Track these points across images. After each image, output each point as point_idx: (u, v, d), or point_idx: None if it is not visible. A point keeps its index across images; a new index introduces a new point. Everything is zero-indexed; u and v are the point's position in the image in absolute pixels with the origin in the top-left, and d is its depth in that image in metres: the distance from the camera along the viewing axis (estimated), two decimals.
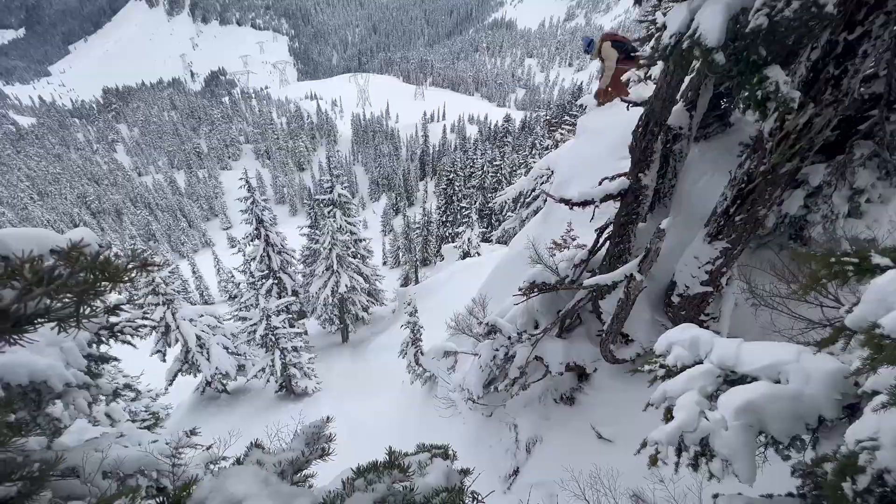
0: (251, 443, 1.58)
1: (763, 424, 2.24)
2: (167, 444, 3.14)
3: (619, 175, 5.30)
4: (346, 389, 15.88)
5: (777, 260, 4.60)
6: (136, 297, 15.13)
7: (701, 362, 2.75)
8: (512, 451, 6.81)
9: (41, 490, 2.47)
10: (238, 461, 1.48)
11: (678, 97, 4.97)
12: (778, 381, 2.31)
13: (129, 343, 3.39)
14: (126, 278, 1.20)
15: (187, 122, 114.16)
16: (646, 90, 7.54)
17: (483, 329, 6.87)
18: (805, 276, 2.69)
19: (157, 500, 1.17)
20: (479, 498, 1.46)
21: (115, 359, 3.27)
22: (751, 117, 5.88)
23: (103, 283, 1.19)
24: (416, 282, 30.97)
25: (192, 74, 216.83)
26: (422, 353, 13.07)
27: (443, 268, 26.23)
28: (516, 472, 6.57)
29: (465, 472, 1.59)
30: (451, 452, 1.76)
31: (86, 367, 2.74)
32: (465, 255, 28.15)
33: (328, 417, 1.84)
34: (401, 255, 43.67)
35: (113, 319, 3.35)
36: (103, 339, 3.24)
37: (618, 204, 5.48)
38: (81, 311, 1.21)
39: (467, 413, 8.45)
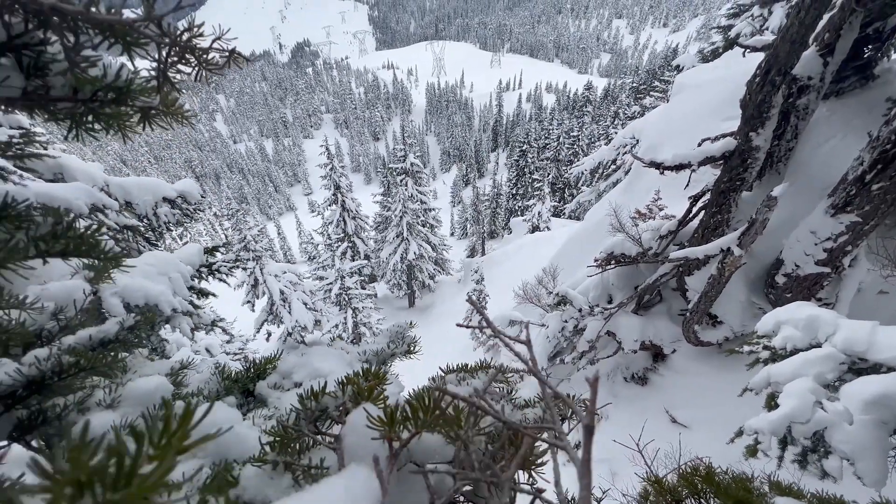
0: (334, 335, 1.60)
1: None
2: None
3: (724, 135, 4.65)
4: None
5: None
6: (231, 248, 16.90)
7: (819, 346, 2.36)
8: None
9: None
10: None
11: (811, 40, 4.17)
12: None
13: (223, 281, 3.72)
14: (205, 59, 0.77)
15: (275, 92, 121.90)
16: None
17: (552, 300, 6.63)
18: None
19: (243, 366, 1.20)
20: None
21: (213, 294, 3.60)
22: None
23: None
24: (483, 254, 30.88)
25: (280, 46, 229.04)
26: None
27: (510, 241, 25.79)
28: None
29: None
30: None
31: (188, 297, 3.04)
32: (535, 229, 27.34)
33: (411, 322, 1.80)
34: (468, 226, 43.69)
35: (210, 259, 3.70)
36: (203, 275, 3.58)
37: (718, 169, 4.85)
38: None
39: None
